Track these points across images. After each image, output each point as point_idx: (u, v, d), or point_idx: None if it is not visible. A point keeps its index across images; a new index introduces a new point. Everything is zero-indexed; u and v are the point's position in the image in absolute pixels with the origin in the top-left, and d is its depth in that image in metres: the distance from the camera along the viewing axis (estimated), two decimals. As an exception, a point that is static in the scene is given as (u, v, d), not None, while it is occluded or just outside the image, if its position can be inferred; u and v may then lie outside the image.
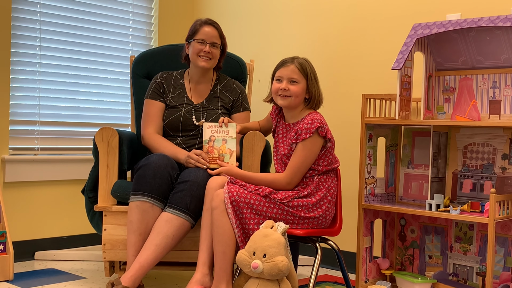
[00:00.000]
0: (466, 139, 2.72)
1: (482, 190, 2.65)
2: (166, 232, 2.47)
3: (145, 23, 3.94)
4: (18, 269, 3.13)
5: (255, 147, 2.66)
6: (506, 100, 2.58)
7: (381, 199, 2.87)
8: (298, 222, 2.47)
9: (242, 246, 2.38)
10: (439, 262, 2.81)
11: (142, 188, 2.52)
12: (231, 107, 2.92)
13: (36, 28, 3.44)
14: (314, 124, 2.47)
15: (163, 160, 2.58)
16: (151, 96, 2.90)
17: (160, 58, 3.16)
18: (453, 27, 2.54)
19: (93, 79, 3.69)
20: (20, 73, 3.39)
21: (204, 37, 2.81)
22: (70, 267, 3.23)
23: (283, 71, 2.56)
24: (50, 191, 3.48)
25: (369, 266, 2.84)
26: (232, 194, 2.39)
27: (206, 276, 2.43)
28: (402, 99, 2.64)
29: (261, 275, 2.25)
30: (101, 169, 2.71)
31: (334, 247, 2.59)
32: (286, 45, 3.60)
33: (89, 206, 2.78)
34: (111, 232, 2.66)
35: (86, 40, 3.65)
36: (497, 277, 2.59)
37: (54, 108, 3.53)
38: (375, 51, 3.20)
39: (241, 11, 3.86)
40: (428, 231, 2.84)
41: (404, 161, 2.90)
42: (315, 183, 2.51)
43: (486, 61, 2.64)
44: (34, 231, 3.42)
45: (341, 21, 3.35)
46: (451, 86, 2.76)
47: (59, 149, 3.54)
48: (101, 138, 2.71)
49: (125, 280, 2.41)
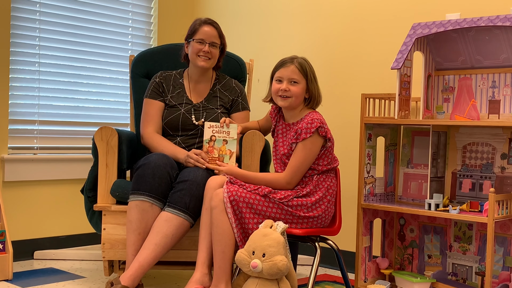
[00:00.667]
0: (465, 138, 2.72)
1: (481, 189, 2.65)
2: (165, 231, 2.47)
3: (144, 23, 3.94)
4: (18, 269, 3.13)
5: (254, 146, 2.66)
6: (505, 99, 2.58)
7: (380, 199, 2.87)
8: (297, 221, 2.47)
9: (241, 245, 2.38)
10: (438, 261, 2.81)
11: (142, 187, 2.52)
12: (231, 107, 2.92)
13: (36, 28, 3.44)
14: (314, 124, 2.47)
15: (163, 159, 2.58)
16: (151, 95, 2.90)
17: (160, 58, 3.16)
18: (452, 26, 2.54)
19: (92, 78, 3.69)
20: (19, 73, 3.39)
21: (204, 36, 2.81)
22: (70, 266, 3.23)
23: (283, 72, 2.55)
24: (50, 191, 3.48)
25: (368, 265, 2.84)
26: (232, 193, 2.39)
27: (206, 275, 2.43)
28: (402, 99, 2.64)
29: (261, 275, 2.25)
30: (101, 168, 2.71)
31: (333, 247, 2.59)
32: (286, 44, 3.60)
33: (89, 206, 2.78)
34: (110, 232, 2.66)
35: (86, 40, 3.65)
36: (496, 276, 2.59)
37: (53, 108, 3.53)
38: (374, 50, 3.20)
39: (241, 11, 3.86)
40: (427, 230, 2.84)
41: (403, 160, 2.90)
42: (315, 183, 2.51)
43: (485, 60, 2.64)
44: (34, 230, 3.42)
45: (341, 20, 3.35)
46: (451, 85, 2.76)
47: (59, 149, 3.54)
48: (101, 138, 2.71)
49: (124, 279, 2.41)
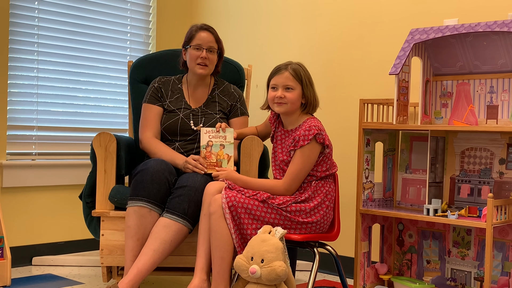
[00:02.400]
0: (464, 144, 2.72)
1: (480, 194, 2.65)
2: (164, 237, 2.46)
3: (143, 28, 3.95)
4: (16, 275, 3.12)
5: (253, 152, 2.66)
6: (503, 105, 2.59)
7: (379, 204, 2.87)
8: (296, 227, 2.46)
9: (240, 251, 2.38)
10: (437, 267, 2.81)
11: (140, 193, 2.52)
12: (229, 112, 2.93)
13: (34, 33, 3.44)
14: (312, 131, 2.47)
15: (161, 165, 2.58)
16: (149, 100, 2.90)
17: (158, 63, 3.16)
18: (450, 32, 2.55)
19: (91, 84, 3.69)
20: (18, 78, 3.39)
21: (201, 42, 2.82)
22: (68, 272, 3.23)
23: (277, 79, 2.55)
24: (48, 196, 3.47)
25: (367, 271, 2.84)
26: (230, 199, 2.39)
27: (204, 281, 2.43)
28: (400, 104, 2.64)
29: (259, 280, 2.24)
30: (99, 174, 2.70)
31: (332, 252, 2.59)
32: (284, 50, 3.60)
33: (87, 211, 2.78)
34: (109, 238, 2.65)
35: (84, 45, 3.66)
36: (495, 281, 2.59)
37: (51, 113, 3.53)
38: (372, 56, 3.21)
39: (239, 16, 3.87)
40: (426, 236, 2.84)
41: (401, 166, 2.90)
42: (313, 188, 2.51)
43: (483, 66, 2.65)
44: (32, 236, 3.41)
45: (339, 26, 3.36)
46: (449, 91, 2.76)
47: (57, 154, 3.54)
48: (99, 143, 2.71)
49: (122, 285, 2.40)
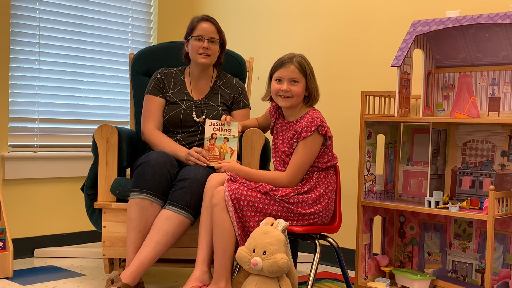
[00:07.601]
0: (465, 136, 2.72)
1: (481, 187, 2.65)
2: (166, 229, 2.47)
3: (144, 20, 3.94)
4: (18, 266, 3.13)
5: (254, 144, 2.66)
6: (505, 97, 2.58)
7: (380, 196, 2.87)
8: (298, 218, 2.47)
9: (242, 243, 2.38)
10: (438, 259, 2.81)
11: (142, 185, 2.52)
12: (231, 104, 2.92)
13: (35, 26, 3.44)
14: (315, 123, 2.47)
15: (163, 157, 2.58)
16: (152, 91, 2.90)
17: (160, 55, 3.16)
18: (452, 24, 2.54)
19: (92, 76, 3.69)
20: (19, 71, 3.39)
21: (202, 33, 2.81)
22: (70, 264, 3.24)
23: (283, 72, 2.54)
24: (50, 188, 3.48)
25: (368, 263, 2.84)
26: (233, 191, 2.39)
27: (205, 273, 2.44)
28: (401, 96, 2.64)
29: (261, 272, 2.25)
30: (101, 166, 2.71)
31: (333, 244, 2.59)
32: (285, 42, 3.60)
33: (89, 203, 2.78)
34: (111, 229, 2.66)
35: (86, 37, 3.65)
36: (496, 273, 2.60)
37: (53, 106, 3.53)
38: (374, 48, 3.20)
39: (240, 8, 3.86)
40: (427, 228, 2.85)
41: (403, 158, 2.90)
42: (315, 180, 2.52)
43: (485, 58, 2.64)
44: (34, 228, 3.42)
45: (341, 18, 3.35)
46: (450, 83, 2.76)
47: (59, 146, 3.54)
48: (101, 135, 2.71)
49: (124, 277, 2.41)
